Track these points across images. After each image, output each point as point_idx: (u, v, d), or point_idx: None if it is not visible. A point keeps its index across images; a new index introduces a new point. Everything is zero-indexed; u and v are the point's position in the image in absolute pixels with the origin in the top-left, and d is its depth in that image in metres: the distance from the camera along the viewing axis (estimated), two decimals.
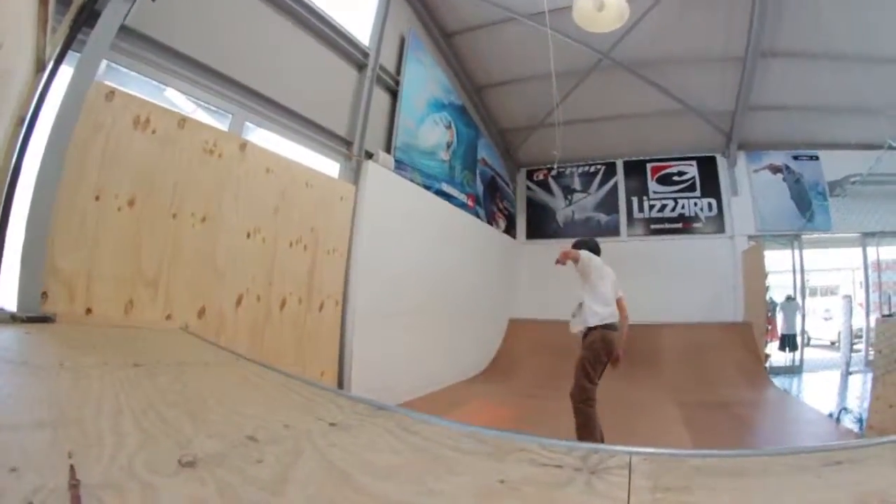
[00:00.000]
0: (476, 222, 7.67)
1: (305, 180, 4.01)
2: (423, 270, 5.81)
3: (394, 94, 5.38)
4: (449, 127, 6.55)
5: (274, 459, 0.80)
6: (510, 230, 9.57)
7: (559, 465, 0.96)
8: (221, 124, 3.54)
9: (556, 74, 6.76)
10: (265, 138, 3.97)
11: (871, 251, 8.71)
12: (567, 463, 0.97)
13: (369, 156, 4.88)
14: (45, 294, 2.10)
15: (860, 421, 4.43)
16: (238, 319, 3.22)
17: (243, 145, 3.27)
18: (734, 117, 8.13)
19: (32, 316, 1.94)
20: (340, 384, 4.39)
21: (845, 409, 4.92)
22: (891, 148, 6.84)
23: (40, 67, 1.98)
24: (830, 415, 4.96)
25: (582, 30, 5.83)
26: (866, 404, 4.34)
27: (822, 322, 11.66)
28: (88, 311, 2.24)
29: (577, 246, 4.26)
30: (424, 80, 6.02)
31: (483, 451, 1.03)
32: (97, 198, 2.28)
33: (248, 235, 3.37)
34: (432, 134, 6.11)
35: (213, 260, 3.00)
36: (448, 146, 6.52)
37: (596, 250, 4.28)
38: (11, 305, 1.99)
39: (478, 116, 7.89)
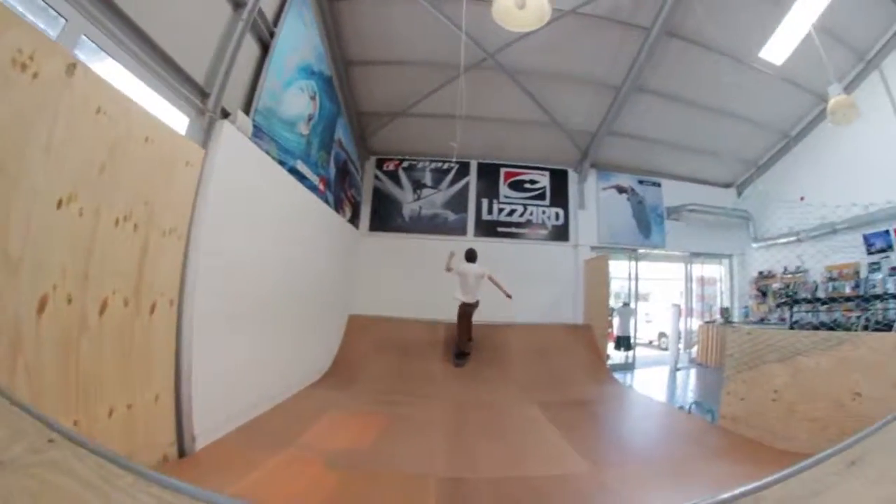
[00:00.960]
0: (326, 209, 6.85)
1: (146, 133, 2.90)
2: (271, 261, 4.89)
3: (265, 47, 4.37)
4: (314, 98, 5.65)
5: None
6: (354, 220, 8.89)
7: None
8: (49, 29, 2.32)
9: (434, 65, 6.43)
10: (101, 65, 2.77)
11: (696, 268, 10.74)
12: None
13: (225, 115, 3.84)
14: None
15: (710, 412, 5.10)
16: (42, 332, 2.10)
17: (72, 66, 2.13)
18: (594, 138, 8.87)
19: None
20: (178, 409, 3.34)
21: (696, 402, 5.60)
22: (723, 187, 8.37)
23: None
24: (681, 407, 5.64)
25: (473, 25, 5.60)
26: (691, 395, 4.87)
27: (644, 323, 13.39)
28: None
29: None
30: (301, 39, 5.08)
31: None
32: None
33: (60, 204, 2.24)
34: (297, 102, 5.17)
35: (6, 241, 1.88)
36: (309, 119, 5.61)
37: (469, 257, 7.53)
38: None
39: (341, 93, 7.06)
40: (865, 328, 7.01)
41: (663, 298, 12.94)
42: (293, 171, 5.35)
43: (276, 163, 4.83)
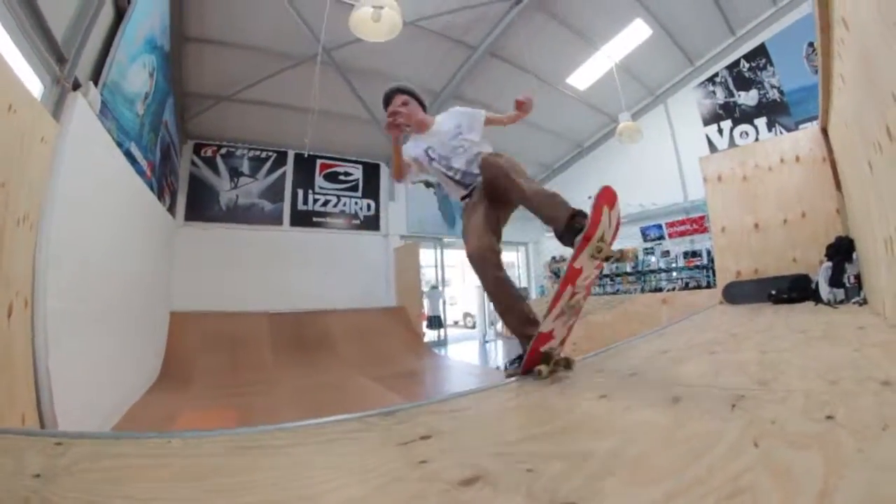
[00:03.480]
0: (150, 197, 5.90)
1: (10, 100, 2.34)
2: (114, 254, 4.26)
3: (120, 14, 3.66)
4: (152, 75, 4.85)
5: None
6: (171, 208, 7.81)
7: None
8: None
9: (270, 53, 6.10)
10: None
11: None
12: None
13: (76, 86, 3.19)
14: None
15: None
16: None
17: None
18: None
19: None
20: (43, 429, 2.73)
21: (510, 361, 6.40)
22: None
23: None
24: (498, 367, 6.37)
25: (315, 19, 5.53)
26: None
27: (448, 306, 14.37)
28: None
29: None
30: (153, 8, 4.36)
31: None
32: None
33: None
34: (137, 79, 4.40)
35: None
36: (145, 98, 4.81)
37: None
38: None
39: (173, 71, 6.13)
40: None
41: (465, 283, 14.32)
42: (127, 154, 4.59)
43: (116, 144, 4.12)
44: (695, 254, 9.48)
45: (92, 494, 0.74)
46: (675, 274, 9.76)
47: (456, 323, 14.11)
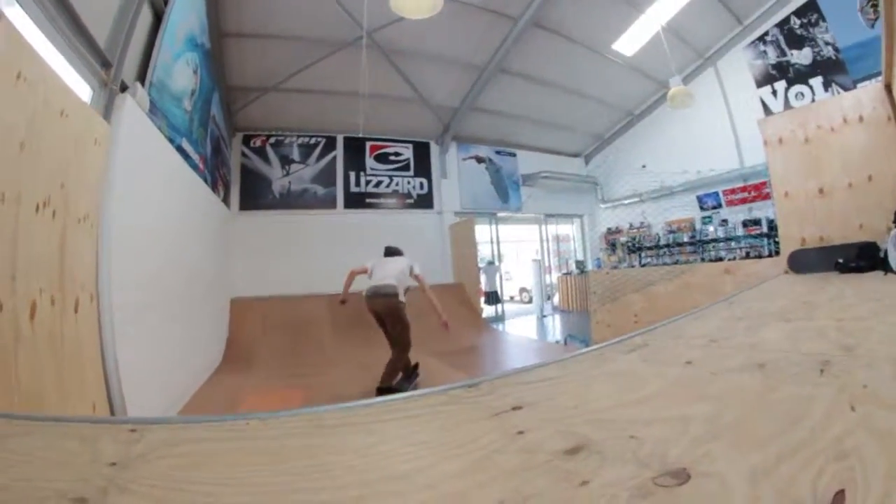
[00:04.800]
0: (205, 189, 6.12)
1: (62, 106, 2.39)
2: (171, 245, 4.37)
3: (158, 15, 3.71)
4: (196, 72, 4.94)
5: None
6: (226, 199, 8.08)
7: None
8: None
9: (309, 41, 6.07)
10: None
11: (552, 227, 11.85)
12: None
13: (124, 88, 3.25)
14: None
15: (584, 341, 5.73)
16: None
17: None
18: (456, 113, 9.16)
19: None
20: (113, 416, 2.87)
21: (570, 335, 6.31)
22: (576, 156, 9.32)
23: None
24: (558, 341, 6.29)
25: (353, 3, 5.41)
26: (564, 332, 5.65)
27: (505, 281, 14.33)
28: None
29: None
30: (190, 8, 4.43)
31: None
32: None
33: None
34: (182, 76, 4.49)
35: None
36: (192, 95, 4.91)
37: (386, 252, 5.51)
38: None
39: (215, 67, 6.24)
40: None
41: (521, 257, 14.11)
42: (180, 150, 4.71)
43: (167, 140, 4.22)
44: (755, 222, 8.99)
45: (169, 481, 0.72)
46: (734, 243, 9.31)
47: (512, 298, 13.95)
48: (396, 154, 9.93)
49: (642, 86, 9.82)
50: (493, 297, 10.57)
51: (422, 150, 10.16)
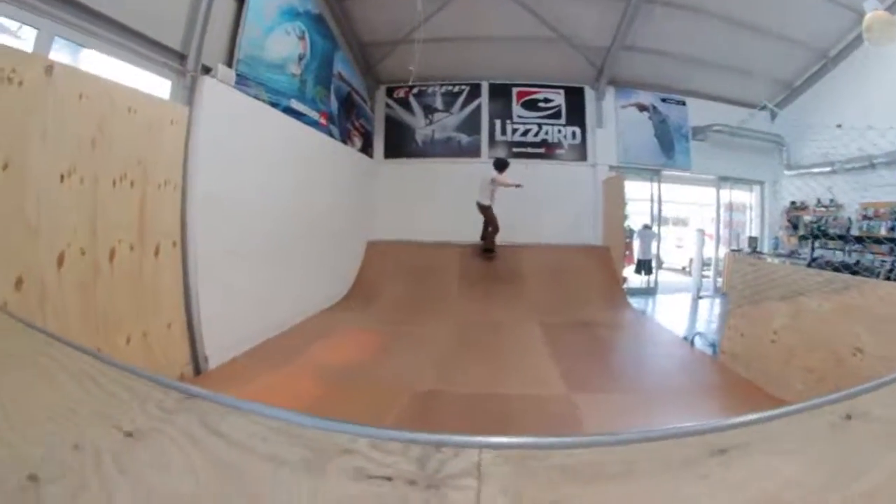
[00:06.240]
0: (330, 142, 7.50)
1: (128, 105, 3.58)
2: (271, 198, 5.61)
3: (241, 1, 4.89)
4: (302, 38, 6.14)
5: None
6: (367, 149, 9.53)
7: (389, 476, 0.85)
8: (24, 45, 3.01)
9: None
10: (81, 57, 3.46)
11: (725, 193, 10.65)
12: (401, 472, 0.86)
13: (206, 71, 4.47)
14: None
15: (713, 346, 5.21)
16: (63, 282, 2.95)
17: (49, 68, 2.81)
18: (608, 54, 8.85)
19: None
20: (191, 334, 4.26)
21: (699, 333, 5.80)
22: (764, 108, 8.19)
23: None
24: (685, 338, 5.79)
25: None
26: (714, 327, 5.16)
27: (674, 249, 13.58)
28: None
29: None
30: None
31: (297, 458, 0.94)
32: None
33: (62, 178, 3.01)
34: (282, 45, 5.70)
35: (23, 215, 2.67)
36: (300, 59, 6.14)
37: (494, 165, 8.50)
38: None
39: (337, 27, 7.47)
40: (889, 276, 6.74)
41: (699, 224, 12.88)
42: (288, 110, 5.97)
43: (267, 104, 5.45)
44: None
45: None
46: None
47: (684, 269, 12.98)
48: (546, 100, 10.00)
49: (836, 16, 7.76)
50: (645, 266, 10.14)
51: (575, 96, 10.00)
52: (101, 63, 3.59)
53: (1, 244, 2.52)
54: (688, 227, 13.48)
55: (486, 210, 8.32)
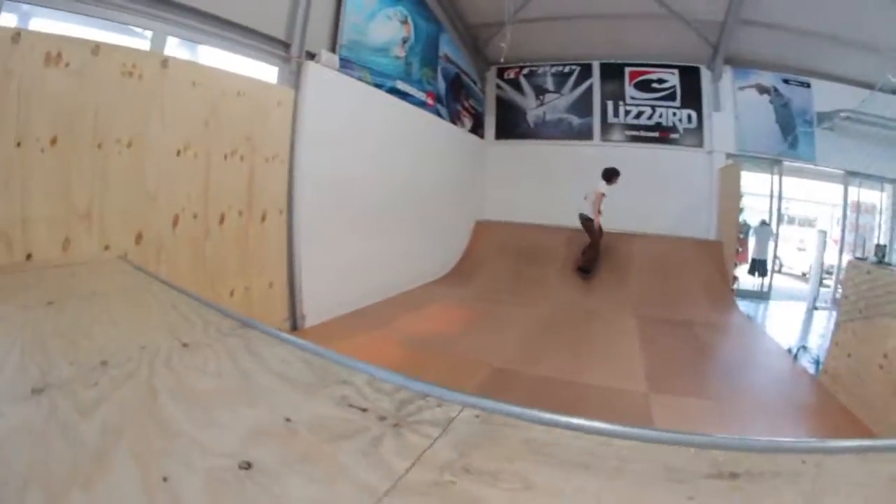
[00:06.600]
0: (436, 121, 7.79)
1: (237, 90, 4.12)
2: (375, 173, 6.03)
3: None
4: (405, 22, 6.47)
5: (107, 382, 1.05)
6: (477, 130, 9.71)
7: (366, 408, 0.99)
8: (143, 44, 3.60)
9: None
10: (195, 52, 4.04)
11: (853, 191, 9.15)
12: (379, 408, 0.98)
13: (311, 56, 4.93)
14: None
15: (817, 362, 4.72)
16: (177, 240, 3.55)
17: (165, 62, 3.37)
18: (723, 29, 8.04)
19: None
20: (291, 293, 4.83)
21: (804, 347, 5.32)
22: (882, 90, 7.00)
23: None
24: (789, 350, 5.29)
25: None
26: (826, 344, 4.50)
27: (795, 252, 12.27)
28: (28, 256, 2.55)
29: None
30: None
31: (302, 379, 1.14)
32: (18, 144, 2.49)
33: (178, 153, 3.58)
34: (385, 30, 6.06)
35: (144, 184, 3.27)
36: (404, 42, 6.47)
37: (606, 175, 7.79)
38: None
39: (441, 10, 7.71)
40: None
41: (826, 226, 11.21)
42: (393, 91, 6.35)
43: (371, 86, 5.87)
44: None
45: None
46: None
47: (804, 275, 11.44)
48: (660, 81, 9.33)
49: None
50: (759, 267, 9.15)
51: (690, 77, 9.20)
52: (217, 53, 4.16)
53: (125, 207, 3.12)
54: (814, 229, 11.81)
55: (587, 223, 7.76)
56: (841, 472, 0.78)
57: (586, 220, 7.70)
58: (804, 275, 11.57)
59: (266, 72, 4.64)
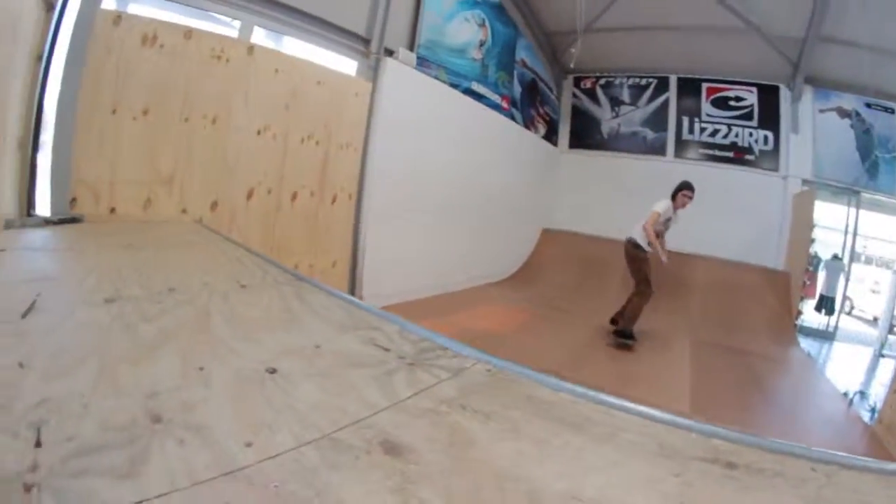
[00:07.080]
0: (510, 125, 7.85)
1: (317, 79, 4.41)
2: (445, 169, 6.16)
3: None
4: (482, 25, 6.60)
5: (171, 303, 1.25)
6: (550, 137, 9.68)
7: (389, 348, 1.11)
8: (231, 32, 3.93)
9: None
10: (280, 42, 4.36)
11: None
12: (401, 350, 1.10)
13: (389, 53, 5.17)
14: (73, 199, 2.69)
15: (873, 410, 4.48)
16: (249, 211, 3.86)
17: (251, 49, 3.69)
18: (803, 46, 7.56)
19: (63, 218, 2.50)
20: (353, 275, 5.06)
21: (862, 392, 5.01)
22: None
23: (49, 7, 2.42)
24: (846, 394, 4.98)
25: None
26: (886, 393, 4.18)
27: (869, 294, 11.23)
28: (112, 210, 2.86)
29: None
30: None
31: (337, 321, 1.30)
32: (114, 111, 2.82)
33: (259, 133, 3.90)
34: (463, 32, 6.22)
35: (224, 157, 3.58)
36: (481, 45, 6.61)
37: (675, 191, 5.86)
38: (46, 212, 2.54)
39: (520, 16, 7.78)
40: None
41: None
42: (468, 92, 6.49)
43: (447, 85, 6.04)
44: None
45: None
46: None
47: (875, 319, 10.29)
48: (738, 99, 8.85)
49: None
50: (827, 305, 8.43)
51: (769, 96, 8.63)
52: (300, 45, 4.48)
53: (204, 176, 3.45)
54: (890, 271, 10.70)
55: (632, 254, 5.53)
56: (854, 488, 0.75)
57: (633, 249, 5.49)
58: (875, 319, 10.39)
59: (345, 64, 4.91)
